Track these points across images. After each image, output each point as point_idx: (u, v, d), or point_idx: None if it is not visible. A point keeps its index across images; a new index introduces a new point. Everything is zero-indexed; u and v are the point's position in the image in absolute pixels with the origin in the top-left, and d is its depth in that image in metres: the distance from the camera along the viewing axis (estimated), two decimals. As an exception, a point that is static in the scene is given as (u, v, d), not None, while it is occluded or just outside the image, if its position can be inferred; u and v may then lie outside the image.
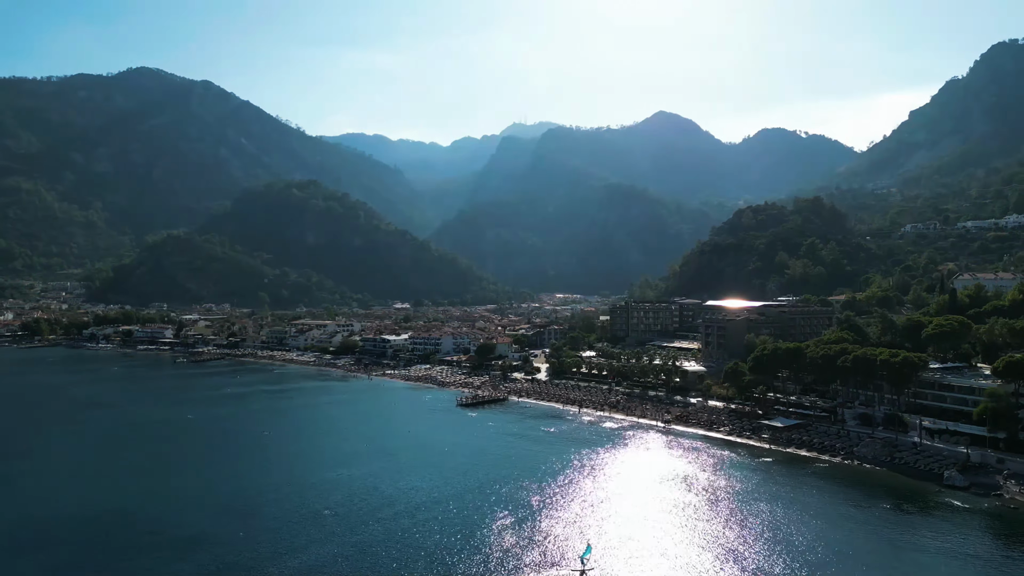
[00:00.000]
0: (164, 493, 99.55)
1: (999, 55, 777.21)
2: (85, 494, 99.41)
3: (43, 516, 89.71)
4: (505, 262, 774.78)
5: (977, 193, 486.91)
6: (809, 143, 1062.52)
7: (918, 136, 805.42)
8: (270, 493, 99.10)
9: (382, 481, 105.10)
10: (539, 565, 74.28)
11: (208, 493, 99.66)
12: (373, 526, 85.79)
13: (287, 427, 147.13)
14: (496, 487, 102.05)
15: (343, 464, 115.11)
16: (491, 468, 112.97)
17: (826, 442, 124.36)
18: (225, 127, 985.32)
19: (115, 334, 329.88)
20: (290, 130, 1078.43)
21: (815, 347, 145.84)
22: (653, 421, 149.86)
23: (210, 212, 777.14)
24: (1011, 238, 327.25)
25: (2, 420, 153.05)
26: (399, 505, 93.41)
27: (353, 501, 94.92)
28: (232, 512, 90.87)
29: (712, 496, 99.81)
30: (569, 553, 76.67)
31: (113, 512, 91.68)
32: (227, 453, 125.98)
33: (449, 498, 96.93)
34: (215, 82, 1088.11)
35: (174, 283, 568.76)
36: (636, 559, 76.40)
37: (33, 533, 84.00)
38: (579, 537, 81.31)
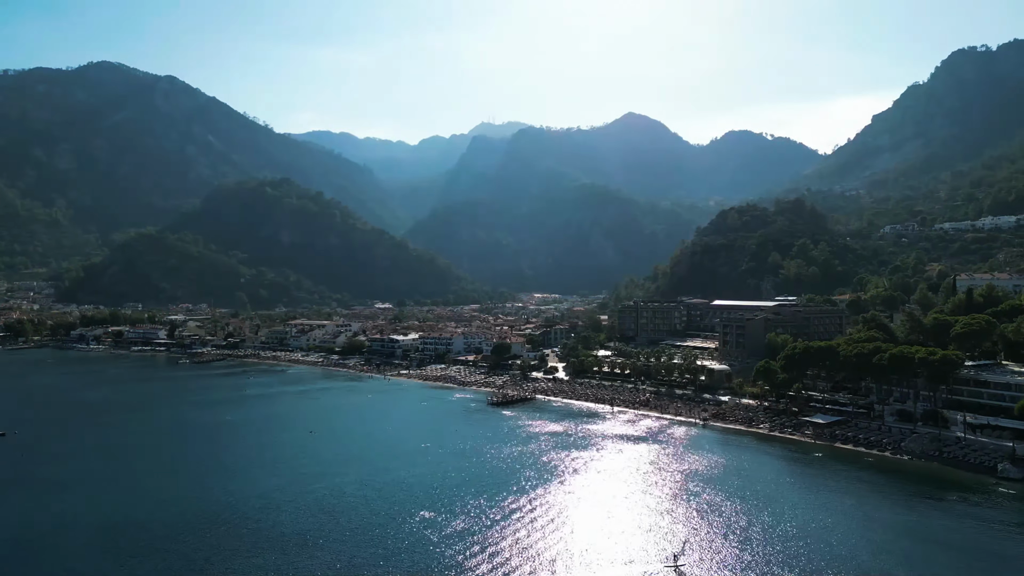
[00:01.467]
0: (255, 493, 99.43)
1: (959, 62, 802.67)
2: (186, 495, 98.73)
3: (163, 518, 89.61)
4: (480, 262, 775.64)
5: (946, 195, 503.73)
6: (774, 145, 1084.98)
7: (882, 140, 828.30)
8: (355, 492, 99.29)
9: (486, 482, 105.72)
10: (635, 562, 75.34)
11: (293, 492, 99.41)
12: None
13: (330, 427, 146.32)
14: (585, 485, 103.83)
15: (416, 463, 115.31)
16: (572, 466, 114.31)
17: (872, 438, 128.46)
18: (191, 124, 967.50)
19: (105, 335, 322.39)
20: (258, 127, 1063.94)
21: (847, 345, 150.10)
22: (690, 419, 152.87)
23: (179, 210, 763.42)
24: (989, 239, 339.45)
25: (38, 424, 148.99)
26: (526, 506, 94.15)
27: (470, 502, 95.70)
28: (327, 512, 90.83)
29: (787, 489, 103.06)
30: (663, 549, 77.85)
31: (221, 511, 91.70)
32: (286, 453, 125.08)
33: (540, 495, 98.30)
34: (180, 77, 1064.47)
35: (148, 283, 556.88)
36: (728, 555, 77.66)
37: (165, 531, 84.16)
38: (673, 533, 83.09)
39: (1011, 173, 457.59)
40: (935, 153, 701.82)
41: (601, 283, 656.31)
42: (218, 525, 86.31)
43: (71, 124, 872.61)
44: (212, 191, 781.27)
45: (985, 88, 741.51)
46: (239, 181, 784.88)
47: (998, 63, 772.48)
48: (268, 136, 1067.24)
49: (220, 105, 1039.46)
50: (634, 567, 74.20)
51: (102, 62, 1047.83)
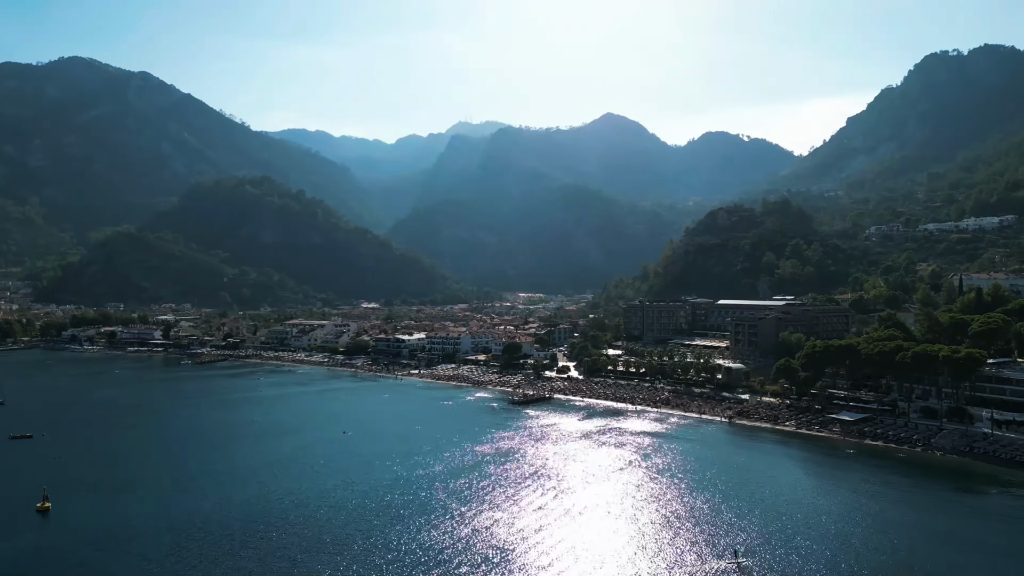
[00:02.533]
0: (315, 492, 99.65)
1: (932, 66, 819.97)
2: (247, 495, 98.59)
3: (235, 516, 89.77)
4: (462, 261, 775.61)
5: (925, 197, 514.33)
6: (751, 146, 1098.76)
7: (856, 142, 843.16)
8: (418, 491, 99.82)
9: (544, 480, 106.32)
10: (701, 558, 76.46)
11: (353, 491, 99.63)
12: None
13: (361, 427, 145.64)
14: (653, 483, 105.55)
15: (464, 463, 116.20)
16: (634, 466, 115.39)
17: (902, 434, 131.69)
18: (166, 121, 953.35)
19: (98, 335, 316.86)
20: (234, 125, 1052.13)
21: (867, 344, 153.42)
22: (715, 417, 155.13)
23: (155, 209, 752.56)
24: (974, 240, 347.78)
25: (64, 426, 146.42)
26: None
27: (537, 500, 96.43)
28: (392, 514, 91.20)
29: (834, 485, 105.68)
30: (727, 545, 79.07)
31: (289, 510, 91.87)
32: (327, 451, 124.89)
33: (600, 493, 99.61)
34: (153, 73, 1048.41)
35: (129, 282, 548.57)
36: (790, 551, 78.59)
37: (243, 529, 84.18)
38: (734, 529, 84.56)
39: (989, 175, 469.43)
40: (910, 155, 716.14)
41: (585, 283, 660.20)
42: (291, 524, 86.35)
43: (43, 120, 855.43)
44: (190, 189, 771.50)
45: (957, 92, 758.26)
46: (218, 179, 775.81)
47: (970, 67, 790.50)
48: (245, 134, 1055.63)
49: (195, 102, 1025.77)
50: (700, 563, 75.27)
51: (74, 57, 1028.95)
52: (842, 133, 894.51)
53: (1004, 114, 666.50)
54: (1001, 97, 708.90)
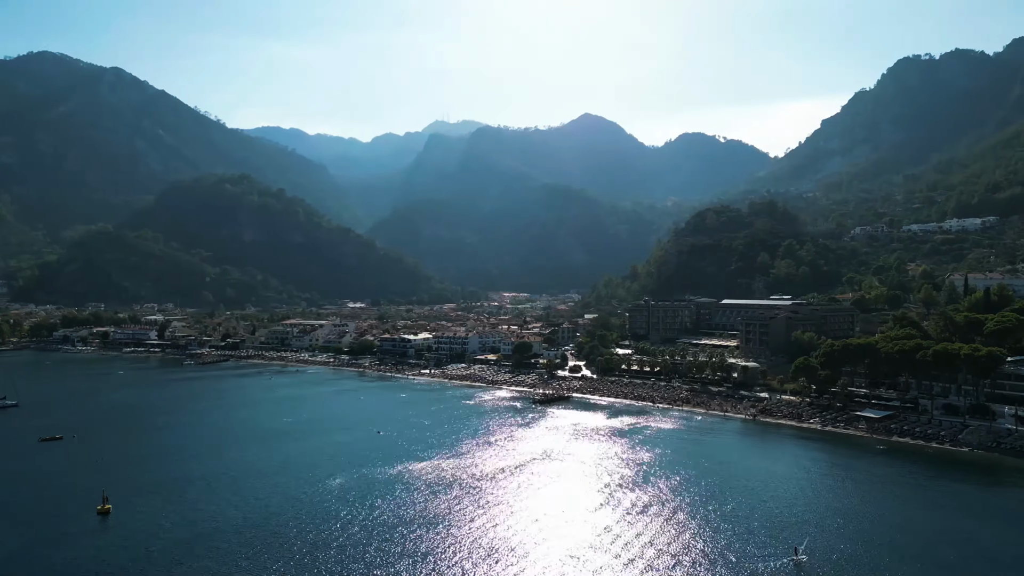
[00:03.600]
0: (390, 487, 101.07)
1: (904, 69, 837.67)
2: (309, 494, 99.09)
3: (306, 514, 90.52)
4: (444, 260, 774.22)
5: (903, 198, 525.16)
6: (727, 147, 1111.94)
7: (832, 143, 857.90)
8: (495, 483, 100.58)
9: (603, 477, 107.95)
10: (762, 555, 77.66)
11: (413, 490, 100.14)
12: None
13: (393, 427, 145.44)
14: (706, 480, 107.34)
15: (520, 468, 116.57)
16: (680, 464, 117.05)
17: (929, 431, 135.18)
18: (140, 117, 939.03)
19: (91, 336, 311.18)
20: (210, 122, 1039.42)
21: (886, 342, 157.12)
22: (739, 415, 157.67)
23: (131, 207, 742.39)
24: (958, 240, 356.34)
25: (91, 428, 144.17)
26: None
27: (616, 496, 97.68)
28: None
29: (881, 481, 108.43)
30: (787, 542, 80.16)
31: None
32: (365, 450, 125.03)
33: (661, 492, 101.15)
34: (126, 69, 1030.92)
35: (109, 282, 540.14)
36: (850, 549, 79.69)
37: (316, 527, 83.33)
38: (792, 527, 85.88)
39: (965, 178, 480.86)
40: (884, 157, 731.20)
41: (569, 282, 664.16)
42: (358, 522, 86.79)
43: (13, 116, 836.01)
44: (167, 187, 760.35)
45: (929, 95, 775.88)
46: (196, 177, 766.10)
47: (941, 71, 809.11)
48: (220, 131, 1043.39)
49: (169, 99, 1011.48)
50: (760, 559, 76.57)
51: (43, 52, 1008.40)
52: (817, 135, 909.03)
53: (975, 117, 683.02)
54: (971, 101, 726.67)
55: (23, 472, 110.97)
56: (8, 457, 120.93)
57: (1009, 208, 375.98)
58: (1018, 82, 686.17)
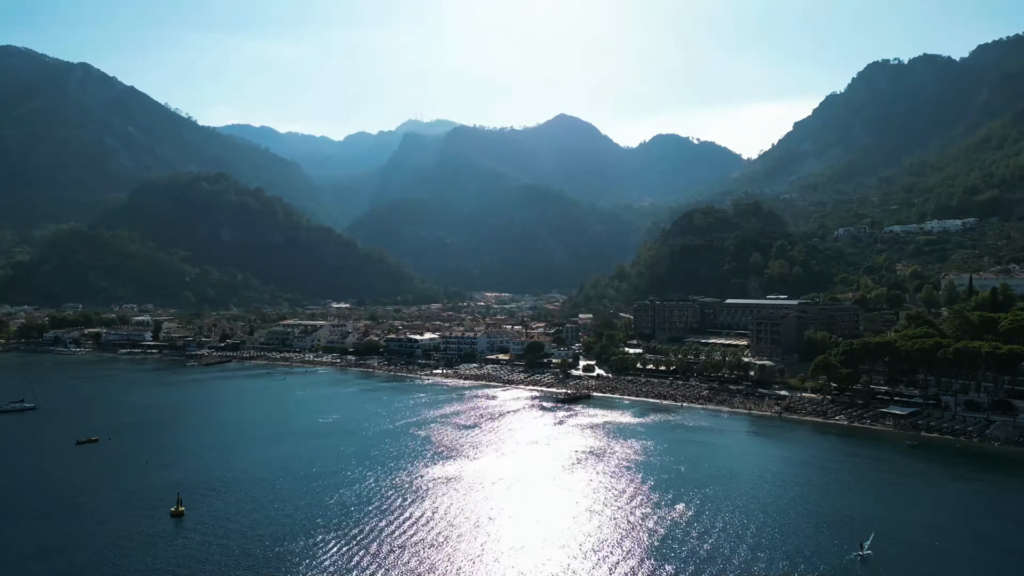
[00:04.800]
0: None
1: (875, 73, 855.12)
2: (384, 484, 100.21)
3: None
4: (424, 260, 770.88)
5: (880, 200, 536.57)
6: (700, 149, 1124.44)
7: (805, 146, 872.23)
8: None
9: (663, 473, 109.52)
10: (827, 552, 79.38)
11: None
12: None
13: (433, 427, 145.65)
14: (760, 474, 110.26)
15: (587, 462, 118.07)
16: (729, 461, 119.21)
17: (956, 427, 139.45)
18: (110, 114, 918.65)
19: (83, 337, 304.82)
20: (181, 119, 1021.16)
21: (904, 341, 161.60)
22: (764, 412, 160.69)
23: (102, 205, 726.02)
24: (940, 241, 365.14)
25: (123, 430, 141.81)
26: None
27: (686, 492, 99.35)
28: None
29: (929, 476, 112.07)
30: (854, 538, 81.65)
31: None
32: (432, 451, 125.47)
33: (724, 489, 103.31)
34: (94, 65, 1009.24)
35: (85, 282, 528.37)
36: (912, 543, 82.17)
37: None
38: (858, 521, 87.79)
39: (941, 180, 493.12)
40: (857, 159, 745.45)
41: (550, 282, 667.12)
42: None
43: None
44: (140, 185, 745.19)
45: (899, 99, 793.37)
46: (171, 175, 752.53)
47: (910, 76, 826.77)
48: (192, 129, 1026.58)
49: (139, 95, 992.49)
50: (827, 553, 78.65)
51: (8, 47, 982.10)
52: (790, 137, 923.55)
53: (944, 121, 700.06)
54: (939, 105, 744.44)
55: (76, 475, 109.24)
56: (53, 460, 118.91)
57: (988, 210, 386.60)
58: (985, 87, 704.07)
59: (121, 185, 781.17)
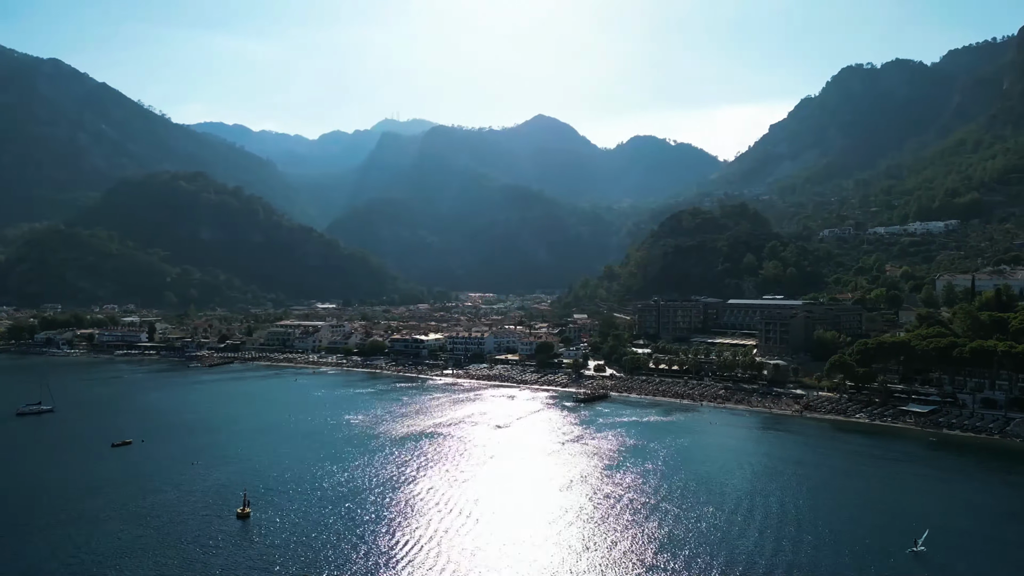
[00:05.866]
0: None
1: (849, 78, 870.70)
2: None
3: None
4: (405, 260, 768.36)
5: (860, 202, 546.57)
6: (677, 150, 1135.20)
7: (781, 148, 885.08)
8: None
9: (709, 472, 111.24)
10: (882, 548, 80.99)
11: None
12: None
13: (467, 428, 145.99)
14: (809, 472, 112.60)
15: (638, 462, 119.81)
16: (770, 459, 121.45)
17: (978, 423, 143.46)
18: (82, 111, 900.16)
19: (77, 338, 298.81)
20: (154, 116, 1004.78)
21: (919, 340, 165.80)
22: (783, 411, 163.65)
23: (76, 204, 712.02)
24: (924, 243, 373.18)
25: (155, 432, 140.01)
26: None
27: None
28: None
29: (968, 473, 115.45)
30: (903, 532, 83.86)
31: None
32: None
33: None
34: (64, 60, 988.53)
35: (64, 282, 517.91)
36: (968, 542, 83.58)
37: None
38: (913, 520, 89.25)
39: (919, 182, 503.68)
40: (833, 162, 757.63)
41: (534, 282, 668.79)
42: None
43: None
44: (116, 184, 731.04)
45: (873, 102, 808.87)
46: (148, 174, 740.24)
47: (883, 80, 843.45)
48: (166, 126, 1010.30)
49: (112, 92, 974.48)
50: (881, 548, 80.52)
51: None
52: (766, 139, 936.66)
53: (916, 125, 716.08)
54: (911, 109, 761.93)
55: (126, 477, 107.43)
56: (96, 463, 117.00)
57: (969, 212, 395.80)
58: (956, 91, 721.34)
59: (94, 183, 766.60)
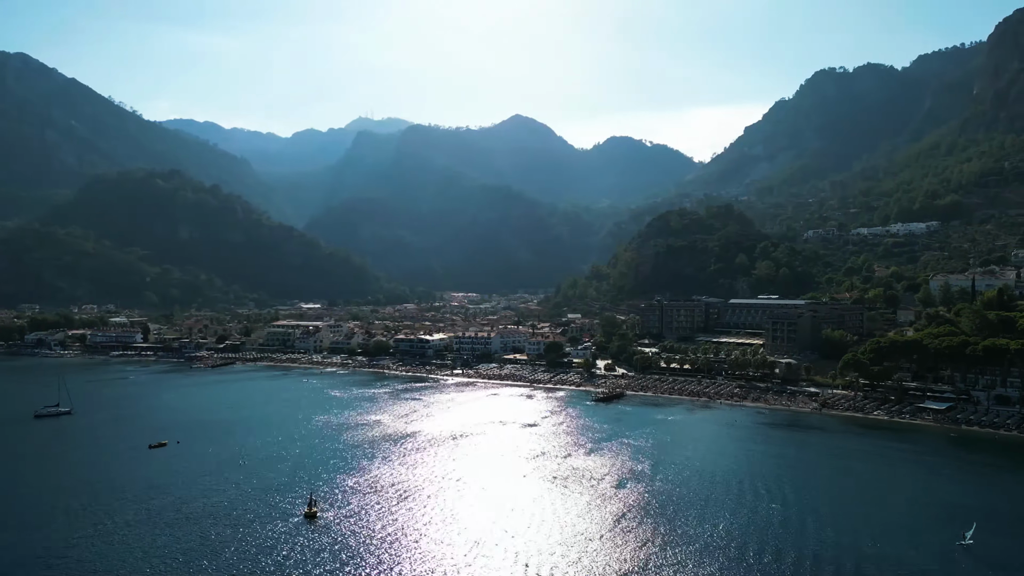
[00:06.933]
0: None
1: (822, 81, 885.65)
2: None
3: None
4: (385, 260, 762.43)
5: (838, 203, 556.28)
6: (653, 151, 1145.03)
7: (757, 150, 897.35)
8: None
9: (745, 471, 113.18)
10: (932, 541, 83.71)
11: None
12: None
13: (508, 429, 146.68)
14: (851, 466, 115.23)
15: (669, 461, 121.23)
16: (809, 454, 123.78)
17: (995, 419, 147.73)
18: (50, 107, 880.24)
19: (69, 339, 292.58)
20: (125, 113, 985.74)
21: (931, 339, 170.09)
22: (802, 408, 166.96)
23: (48, 202, 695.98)
24: (907, 243, 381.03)
25: (189, 433, 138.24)
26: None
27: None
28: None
29: (1000, 468, 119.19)
30: (955, 527, 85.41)
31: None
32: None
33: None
34: (32, 55, 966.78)
35: (40, 282, 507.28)
36: (1015, 535, 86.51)
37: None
38: (959, 512, 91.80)
39: (897, 184, 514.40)
40: (808, 164, 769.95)
41: (516, 282, 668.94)
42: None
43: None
44: (89, 181, 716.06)
45: (845, 106, 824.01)
46: (122, 171, 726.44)
47: (856, 83, 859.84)
48: (138, 123, 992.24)
49: (82, 88, 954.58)
50: (930, 540, 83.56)
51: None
52: (741, 141, 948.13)
53: (889, 128, 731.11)
54: (883, 112, 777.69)
55: (176, 479, 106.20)
56: (140, 465, 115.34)
57: (949, 214, 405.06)
58: (928, 95, 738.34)
59: (65, 181, 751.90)
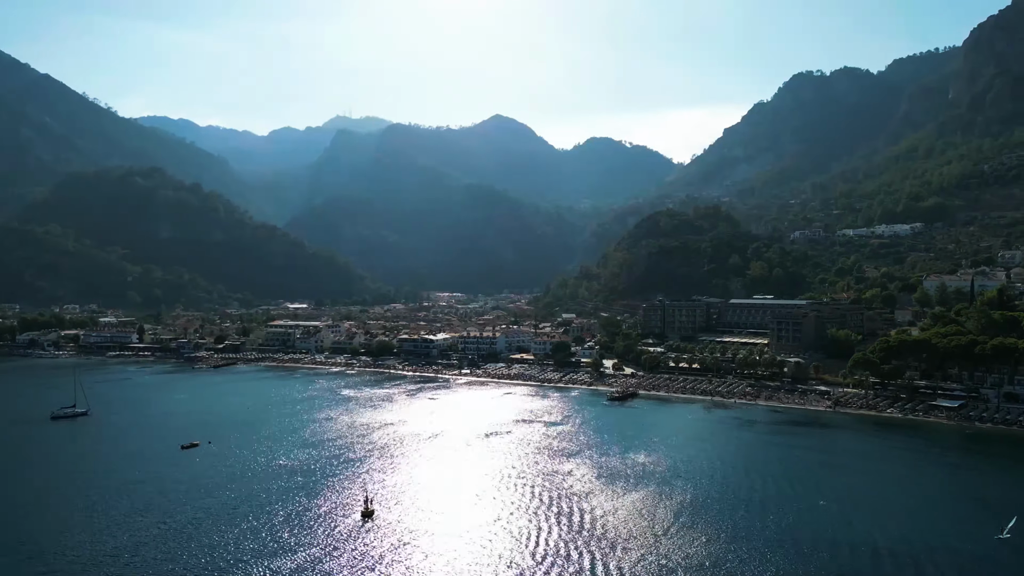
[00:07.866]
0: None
1: (800, 84, 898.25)
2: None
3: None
4: (368, 260, 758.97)
5: (820, 205, 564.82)
6: (633, 152, 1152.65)
7: (736, 152, 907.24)
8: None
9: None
10: (970, 534, 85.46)
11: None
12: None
13: (534, 429, 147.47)
14: (882, 462, 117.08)
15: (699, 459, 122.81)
16: (837, 453, 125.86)
17: (1008, 416, 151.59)
18: (24, 103, 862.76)
19: (63, 340, 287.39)
20: (100, 110, 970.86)
21: (939, 338, 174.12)
22: (816, 407, 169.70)
23: (23, 200, 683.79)
24: (892, 245, 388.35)
25: (220, 434, 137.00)
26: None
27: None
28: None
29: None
30: (993, 521, 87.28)
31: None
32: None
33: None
34: (3, 50, 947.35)
35: (21, 281, 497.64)
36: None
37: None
38: (996, 506, 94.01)
39: (878, 186, 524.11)
40: (788, 166, 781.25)
41: (501, 282, 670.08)
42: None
43: None
44: (65, 179, 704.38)
45: (823, 109, 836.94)
46: (100, 169, 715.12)
47: (833, 87, 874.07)
48: (113, 120, 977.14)
49: (55, 84, 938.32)
50: (969, 534, 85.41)
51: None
52: (721, 143, 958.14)
53: (866, 131, 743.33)
54: (861, 115, 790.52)
55: (220, 479, 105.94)
56: (179, 467, 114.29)
57: (932, 216, 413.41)
58: (904, 99, 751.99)
59: (40, 179, 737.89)
